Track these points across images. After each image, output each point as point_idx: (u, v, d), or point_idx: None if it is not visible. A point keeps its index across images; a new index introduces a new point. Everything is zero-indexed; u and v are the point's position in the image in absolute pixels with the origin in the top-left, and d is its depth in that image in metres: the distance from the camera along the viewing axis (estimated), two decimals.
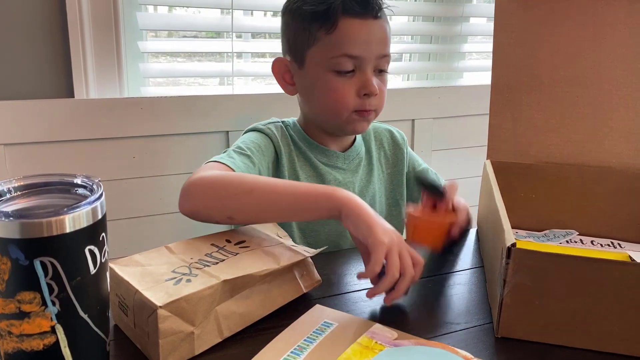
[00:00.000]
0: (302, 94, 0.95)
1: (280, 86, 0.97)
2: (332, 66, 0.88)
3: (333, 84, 0.88)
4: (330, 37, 0.87)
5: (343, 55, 0.87)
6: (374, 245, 0.64)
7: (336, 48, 0.87)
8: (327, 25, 0.86)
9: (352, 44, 0.87)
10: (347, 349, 0.58)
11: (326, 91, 0.89)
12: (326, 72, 0.88)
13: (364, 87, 0.89)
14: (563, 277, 0.60)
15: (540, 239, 0.88)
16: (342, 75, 0.88)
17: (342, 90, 0.88)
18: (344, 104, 0.89)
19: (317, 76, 0.90)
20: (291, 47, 0.93)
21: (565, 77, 0.90)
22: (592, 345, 0.61)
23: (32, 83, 1.10)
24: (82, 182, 0.52)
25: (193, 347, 0.57)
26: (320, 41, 0.88)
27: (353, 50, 0.87)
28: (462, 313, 0.69)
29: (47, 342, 0.47)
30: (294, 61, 0.93)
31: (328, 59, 0.87)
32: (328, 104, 0.90)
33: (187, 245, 0.66)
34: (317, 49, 0.88)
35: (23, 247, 0.44)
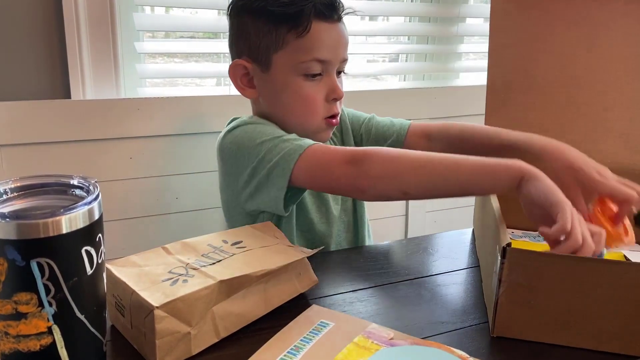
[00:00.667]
0: (266, 98, 0.91)
1: (238, 90, 0.93)
2: (302, 70, 0.85)
3: (304, 90, 0.86)
4: (301, 40, 0.84)
5: (313, 60, 0.85)
6: (562, 204, 0.62)
7: (307, 52, 0.84)
8: (299, 28, 0.83)
9: (323, 48, 0.85)
10: (343, 348, 0.59)
11: (296, 97, 0.87)
12: (295, 76, 0.86)
13: (332, 91, 0.88)
14: (558, 277, 0.60)
15: (535, 239, 0.89)
16: (310, 80, 0.86)
17: (312, 96, 0.87)
18: (315, 111, 0.88)
19: (285, 81, 0.87)
20: (252, 50, 0.88)
21: (561, 77, 0.91)
22: (587, 344, 0.62)
23: (28, 84, 1.10)
24: (79, 183, 0.52)
25: (190, 348, 0.57)
26: (290, 44, 0.84)
27: (323, 54, 0.85)
28: (458, 312, 0.69)
29: (44, 343, 0.47)
30: (255, 64, 0.88)
31: (298, 63, 0.85)
32: (298, 110, 0.88)
33: (184, 246, 0.66)
34: (286, 53, 0.85)
35: (20, 248, 0.44)
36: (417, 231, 1.58)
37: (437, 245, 0.90)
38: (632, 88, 0.88)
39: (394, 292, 0.73)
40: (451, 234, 0.96)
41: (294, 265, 0.68)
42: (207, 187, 1.26)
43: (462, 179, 0.70)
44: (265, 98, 0.91)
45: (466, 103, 1.54)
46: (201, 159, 1.24)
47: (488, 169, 0.69)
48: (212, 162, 1.25)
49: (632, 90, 0.88)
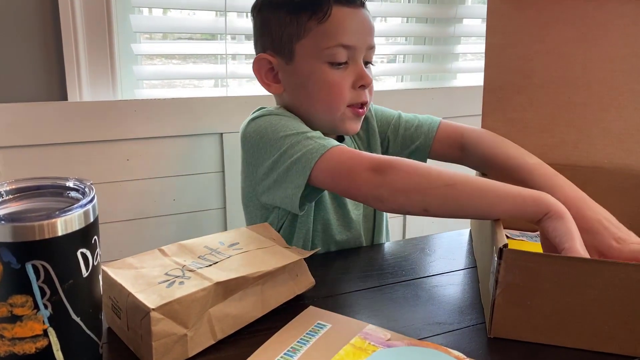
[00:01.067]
0: (291, 91, 0.89)
1: (263, 86, 0.91)
2: (327, 57, 0.84)
3: (329, 77, 0.85)
4: (323, 26, 0.83)
5: (338, 46, 0.83)
6: (571, 252, 0.62)
7: (331, 38, 0.83)
8: (319, 14, 0.83)
9: (347, 33, 0.84)
10: (340, 350, 0.59)
11: (321, 84, 0.85)
12: (320, 64, 0.85)
13: (360, 78, 0.86)
14: (554, 277, 0.60)
15: (533, 239, 0.89)
16: (336, 67, 0.85)
17: (338, 83, 0.85)
18: (340, 97, 0.86)
19: (311, 69, 0.85)
20: (275, 43, 0.87)
21: (557, 78, 0.91)
22: (584, 344, 0.62)
23: (25, 86, 1.10)
24: (74, 185, 0.52)
25: (186, 349, 0.57)
26: (312, 32, 0.83)
27: (348, 39, 0.84)
28: (455, 313, 0.69)
29: (40, 346, 0.47)
30: (279, 57, 0.88)
31: (322, 49, 0.84)
32: (323, 98, 0.86)
33: (181, 248, 0.66)
34: (309, 41, 0.84)
35: (15, 251, 0.44)
36: (415, 232, 1.58)
37: (435, 246, 0.90)
38: (629, 88, 0.88)
39: (391, 293, 0.73)
40: (449, 234, 0.96)
41: (290, 267, 0.68)
42: (205, 188, 1.26)
43: (487, 204, 0.69)
44: (290, 91, 0.89)
45: (463, 104, 1.54)
46: (198, 160, 1.24)
47: (518, 199, 0.68)
48: (209, 164, 1.26)
49: (629, 90, 0.88)
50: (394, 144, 0.96)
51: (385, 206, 0.72)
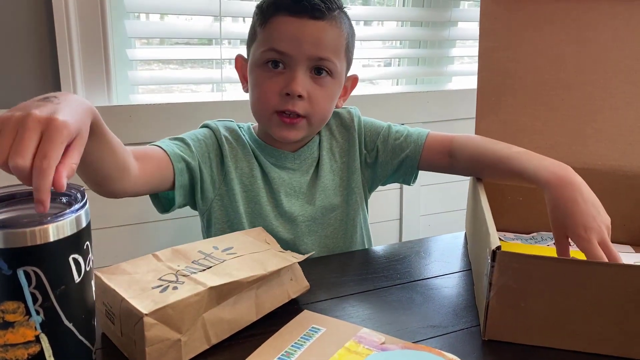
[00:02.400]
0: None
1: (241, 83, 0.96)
2: (261, 60, 0.86)
3: (258, 79, 0.87)
4: (263, 31, 0.86)
5: (270, 50, 0.85)
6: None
7: (266, 42, 0.85)
8: (263, 20, 0.86)
9: (280, 39, 0.84)
10: (334, 354, 0.59)
11: (254, 86, 0.88)
12: (256, 67, 0.87)
13: (286, 86, 0.85)
14: (547, 279, 0.60)
15: (528, 241, 0.89)
16: (268, 71, 0.86)
17: (264, 86, 0.86)
18: (264, 101, 0.86)
19: (251, 70, 0.89)
20: (247, 45, 0.93)
21: (550, 80, 0.91)
22: (578, 346, 0.62)
23: (19, 91, 1.10)
24: (66, 190, 0.52)
25: (180, 355, 0.57)
26: (258, 36, 0.87)
27: (280, 45, 0.84)
28: (450, 316, 0.69)
29: (32, 352, 0.47)
30: (247, 58, 0.93)
31: (259, 52, 0.86)
32: (254, 100, 0.89)
33: (175, 253, 0.66)
34: (256, 44, 0.88)
35: (6, 257, 0.44)
36: (411, 235, 1.58)
37: (430, 248, 0.90)
38: (621, 90, 0.89)
39: (386, 296, 0.73)
40: (444, 237, 0.96)
41: (285, 271, 0.68)
42: None
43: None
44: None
45: (458, 106, 1.54)
46: None
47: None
48: None
49: (621, 92, 0.89)
50: (384, 153, 0.96)
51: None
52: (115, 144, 0.67)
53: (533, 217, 0.92)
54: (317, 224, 0.94)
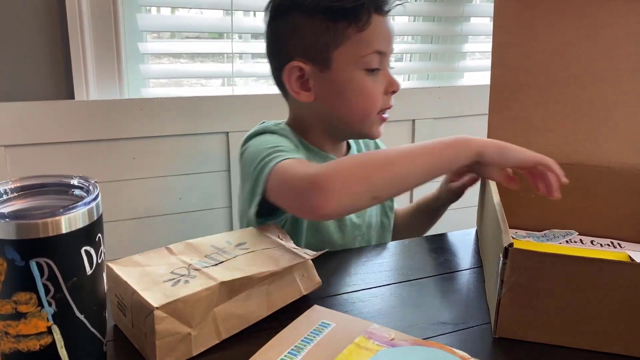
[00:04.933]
0: (324, 99, 0.87)
1: (292, 93, 0.88)
2: (364, 65, 0.85)
3: (366, 84, 0.86)
4: (361, 34, 0.83)
5: (374, 53, 0.84)
6: (538, 156, 0.74)
7: (368, 45, 0.84)
8: (359, 22, 0.83)
9: (381, 40, 0.85)
10: (344, 349, 0.58)
11: (359, 92, 0.86)
12: (357, 71, 0.85)
13: (390, 84, 0.88)
14: (560, 277, 0.60)
15: (540, 239, 0.88)
16: (371, 74, 0.86)
17: (373, 90, 0.87)
18: (375, 104, 0.87)
19: (349, 77, 0.85)
20: (308, 50, 0.85)
21: (563, 77, 0.90)
22: (590, 345, 0.61)
23: (32, 85, 1.10)
24: (79, 183, 0.52)
25: (190, 349, 0.57)
26: (350, 39, 0.83)
27: (382, 46, 0.85)
28: (460, 313, 0.69)
29: (44, 343, 0.47)
30: (312, 64, 0.85)
31: (360, 57, 0.84)
32: (360, 105, 0.86)
33: (188, 247, 0.66)
34: (347, 48, 0.84)
35: (19, 248, 0.44)
36: None
37: (440, 245, 0.90)
38: (635, 88, 0.87)
39: (396, 293, 0.73)
40: (454, 234, 0.96)
41: (297, 268, 0.67)
42: (211, 187, 1.27)
43: (426, 167, 0.71)
44: (324, 98, 0.88)
45: (471, 102, 1.53)
46: (204, 159, 1.25)
47: (450, 151, 0.73)
48: (215, 163, 1.26)
49: (635, 90, 0.87)
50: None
51: (324, 215, 0.68)
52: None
53: (545, 215, 0.92)
54: (365, 226, 0.97)
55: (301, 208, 0.71)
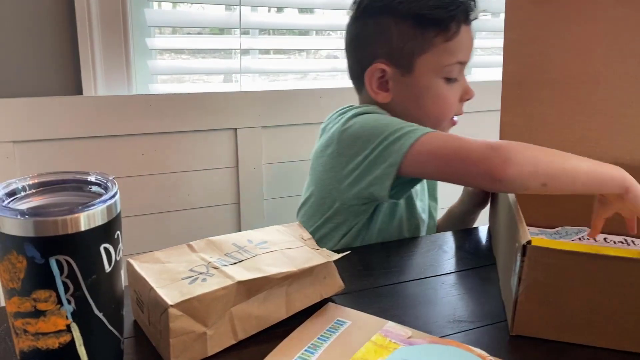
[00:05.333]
0: (401, 101, 0.90)
1: (370, 93, 0.91)
2: (445, 73, 0.87)
3: (445, 92, 0.88)
4: (447, 44, 0.85)
5: (457, 63, 0.87)
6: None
7: (452, 55, 0.86)
8: (448, 32, 0.85)
9: (465, 50, 0.87)
10: (361, 347, 0.58)
11: (436, 99, 0.88)
12: (437, 79, 0.87)
13: (466, 92, 0.90)
14: (579, 275, 0.59)
15: (552, 236, 0.88)
16: (449, 83, 0.88)
17: (451, 98, 0.89)
18: (450, 112, 0.90)
19: (428, 84, 0.88)
20: (394, 53, 0.88)
21: (577, 73, 0.89)
22: (608, 343, 0.61)
23: (40, 80, 1.10)
24: (96, 179, 0.52)
25: (206, 348, 0.56)
26: (436, 48, 0.86)
27: (465, 56, 0.87)
28: (475, 311, 0.68)
29: (63, 341, 0.47)
30: (395, 67, 0.88)
31: (442, 66, 0.86)
32: (435, 112, 0.89)
33: (209, 244, 0.65)
34: (431, 56, 0.86)
35: (38, 246, 0.44)
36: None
37: (453, 242, 0.89)
38: None
39: (410, 290, 0.73)
40: (467, 231, 0.95)
41: (318, 269, 0.65)
42: (219, 184, 1.26)
43: (584, 179, 0.73)
44: (401, 100, 0.90)
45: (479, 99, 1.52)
46: (213, 155, 1.24)
47: (606, 177, 0.73)
48: (223, 159, 1.25)
49: None
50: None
51: (503, 184, 0.71)
52: None
53: (557, 211, 0.91)
54: (425, 226, 1.01)
55: (483, 172, 0.71)
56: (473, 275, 0.78)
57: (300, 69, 1.48)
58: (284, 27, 1.40)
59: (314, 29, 1.47)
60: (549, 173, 0.71)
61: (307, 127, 1.31)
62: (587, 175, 0.72)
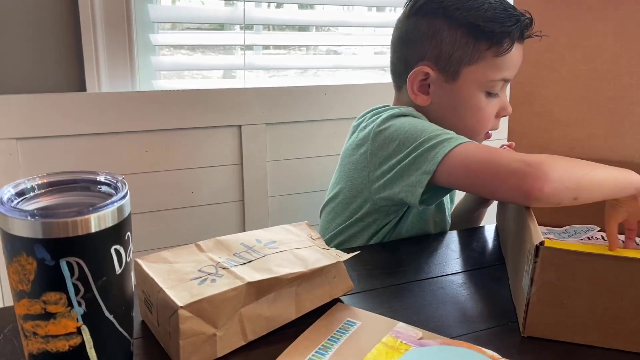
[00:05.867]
0: (440, 107, 0.89)
1: (411, 95, 0.90)
2: (488, 87, 0.86)
3: (483, 105, 0.87)
4: (497, 59, 0.84)
5: (502, 80, 0.86)
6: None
7: (499, 71, 0.85)
8: (500, 48, 0.84)
9: (512, 68, 0.86)
10: (372, 348, 0.58)
11: (475, 111, 0.88)
12: (479, 92, 0.87)
13: (503, 109, 0.89)
14: (592, 276, 0.59)
15: (560, 235, 0.87)
16: (490, 97, 0.87)
17: (489, 113, 0.88)
18: (487, 126, 0.89)
19: (469, 95, 0.87)
20: (442, 58, 0.86)
21: (586, 71, 0.89)
22: (621, 345, 0.60)
23: (44, 77, 1.09)
24: (106, 179, 0.51)
25: (215, 349, 0.56)
26: (485, 61, 0.85)
27: (510, 74, 0.86)
28: (486, 312, 0.68)
29: (73, 344, 0.46)
30: (440, 72, 0.87)
31: (487, 80, 0.85)
32: (471, 124, 0.88)
33: (217, 244, 0.64)
34: (478, 68, 0.85)
35: (49, 247, 0.43)
36: None
37: (461, 242, 0.89)
38: None
39: (418, 290, 0.72)
40: (474, 230, 0.95)
41: (328, 269, 0.64)
42: (223, 181, 1.26)
43: (610, 188, 0.74)
44: (439, 107, 0.89)
45: None
46: (217, 152, 1.23)
47: (625, 183, 0.74)
48: (228, 156, 1.25)
49: None
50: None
51: (540, 200, 0.70)
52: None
53: (565, 210, 0.90)
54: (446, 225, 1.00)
55: (516, 188, 0.70)
56: (482, 274, 0.77)
57: (303, 65, 1.47)
58: (288, 23, 1.40)
59: (315, 25, 1.46)
60: (581, 187, 0.71)
61: (312, 124, 1.31)
62: (610, 183, 0.73)
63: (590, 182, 0.72)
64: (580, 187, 0.71)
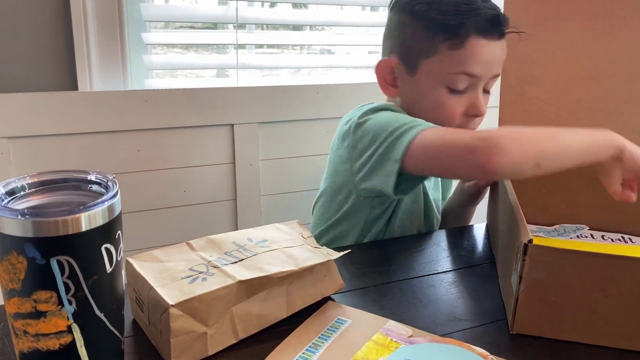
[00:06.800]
0: (404, 100, 0.92)
1: (380, 86, 0.93)
2: (448, 82, 0.86)
3: (444, 101, 0.87)
4: (453, 52, 0.84)
5: (462, 73, 0.85)
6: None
7: (457, 65, 0.84)
8: (455, 40, 0.83)
9: (474, 63, 0.84)
10: (362, 346, 0.58)
11: (436, 106, 0.87)
12: (439, 86, 0.86)
13: (473, 107, 0.88)
14: (580, 274, 0.59)
15: (550, 234, 0.88)
16: (453, 93, 0.87)
17: (452, 108, 0.87)
18: (449, 122, 0.87)
19: (429, 88, 0.87)
20: (403, 51, 0.89)
21: (576, 70, 0.90)
22: (608, 342, 0.61)
23: (35, 75, 1.09)
24: (97, 178, 0.51)
25: (206, 348, 0.56)
26: (441, 54, 0.85)
27: (474, 69, 0.85)
28: (475, 309, 0.68)
29: (63, 342, 0.46)
30: (403, 65, 0.90)
31: (445, 74, 0.85)
32: (433, 118, 0.86)
33: (208, 243, 0.65)
34: (435, 61, 0.85)
35: (39, 246, 0.43)
36: None
37: (451, 240, 0.90)
38: None
39: (409, 288, 0.73)
40: (465, 229, 0.95)
41: (319, 268, 0.65)
42: (215, 180, 1.26)
43: (578, 151, 0.72)
44: (407, 100, 0.92)
45: None
46: (209, 151, 1.24)
47: (598, 144, 0.72)
48: (220, 155, 1.25)
49: None
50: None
51: (496, 172, 0.70)
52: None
53: (555, 209, 0.92)
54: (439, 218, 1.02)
55: (472, 164, 0.71)
56: (471, 273, 0.78)
57: (296, 64, 1.47)
58: (281, 22, 1.40)
59: (309, 24, 1.46)
60: (541, 153, 0.70)
61: (305, 124, 1.31)
62: (580, 146, 0.71)
63: (554, 148, 0.70)
64: (541, 155, 0.70)
